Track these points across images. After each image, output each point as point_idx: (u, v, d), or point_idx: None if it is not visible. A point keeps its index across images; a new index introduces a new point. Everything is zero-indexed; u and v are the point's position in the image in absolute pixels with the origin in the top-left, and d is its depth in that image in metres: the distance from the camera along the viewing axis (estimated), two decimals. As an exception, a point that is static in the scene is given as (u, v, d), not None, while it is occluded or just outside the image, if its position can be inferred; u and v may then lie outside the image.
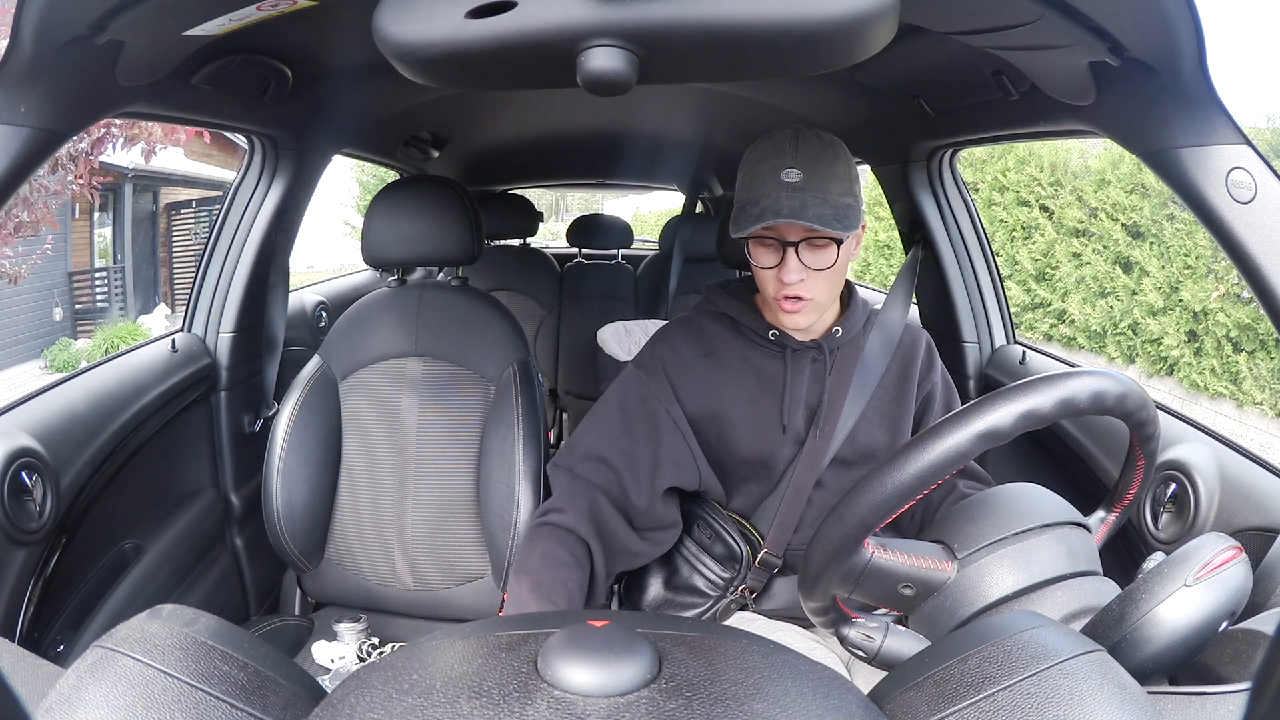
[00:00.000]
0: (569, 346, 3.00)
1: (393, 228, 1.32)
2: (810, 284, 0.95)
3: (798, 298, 0.96)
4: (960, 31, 0.82)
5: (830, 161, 0.94)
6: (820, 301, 0.98)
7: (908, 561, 0.64)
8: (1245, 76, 27.72)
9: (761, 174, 0.94)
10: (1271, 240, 0.70)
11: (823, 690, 0.41)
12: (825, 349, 1.03)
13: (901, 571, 0.64)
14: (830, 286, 0.98)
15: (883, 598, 0.66)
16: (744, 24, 0.51)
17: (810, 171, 0.92)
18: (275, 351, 1.67)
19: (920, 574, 0.64)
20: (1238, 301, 5.03)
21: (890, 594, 0.65)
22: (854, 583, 0.64)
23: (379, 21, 0.54)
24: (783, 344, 1.03)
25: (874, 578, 0.63)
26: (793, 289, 0.95)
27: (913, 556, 0.64)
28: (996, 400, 0.58)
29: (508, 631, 0.44)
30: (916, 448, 0.58)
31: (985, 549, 0.64)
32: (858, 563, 0.62)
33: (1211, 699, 0.43)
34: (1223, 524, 0.90)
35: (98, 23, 0.73)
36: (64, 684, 0.38)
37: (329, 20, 1.04)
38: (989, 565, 0.63)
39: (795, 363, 1.03)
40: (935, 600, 0.64)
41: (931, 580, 0.64)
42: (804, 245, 0.94)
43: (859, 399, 1.04)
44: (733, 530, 1.07)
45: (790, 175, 0.92)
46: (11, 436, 0.99)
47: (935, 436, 0.58)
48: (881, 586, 0.64)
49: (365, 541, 1.34)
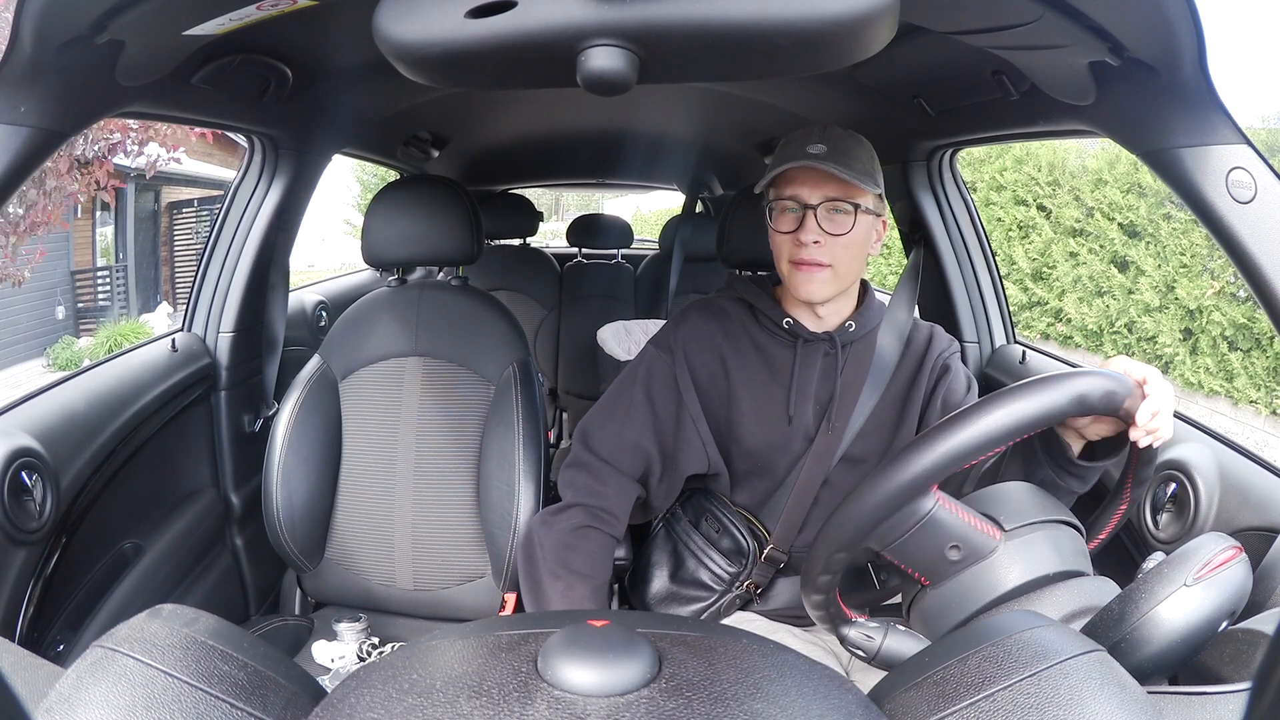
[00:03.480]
0: (569, 346, 3.00)
1: (393, 227, 1.32)
2: (828, 249, 0.97)
3: (816, 263, 0.97)
4: (960, 31, 0.82)
5: (855, 144, 0.99)
6: (839, 271, 0.99)
7: (967, 520, 0.64)
8: (1244, 77, 27.76)
9: (790, 148, 0.99)
10: (1271, 240, 0.70)
11: (823, 690, 0.41)
12: (838, 342, 1.04)
13: (958, 529, 0.64)
14: (848, 258, 0.99)
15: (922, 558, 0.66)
16: (744, 24, 0.50)
17: (834, 148, 0.96)
18: (275, 351, 1.67)
19: (974, 535, 0.64)
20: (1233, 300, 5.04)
21: (934, 554, 0.65)
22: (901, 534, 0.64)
23: (379, 21, 0.54)
24: (795, 334, 1.04)
25: (928, 531, 0.64)
26: (810, 252, 0.97)
27: (971, 516, 0.64)
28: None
29: (508, 631, 0.44)
30: (992, 405, 0.60)
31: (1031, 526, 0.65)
32: (919, 509, 0.63)
33: (1211, 699, 0.43)
34: (1223, 524, 0.90)
35: (97, 22, 0.73)
36: (64, 684, 0.37)
37: (329, 20, 1.04)
38: (1034, 541, 0.64)
39: (806, 354, 1.04)
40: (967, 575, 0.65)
41: (981, 545, 0.64)
42: (823, 209, 0.97)
43: (871, 396, 1.04)
44: (740, 525, 1.07)
45: (815, 148, 0.96)
46: (11, 436, 0.99)
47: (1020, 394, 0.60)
48: (931, 543, 0.64)
49: (365, 541, 1.34)
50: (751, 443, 1.05)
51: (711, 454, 1.05)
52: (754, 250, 1.24)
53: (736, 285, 1.10)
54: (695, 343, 1.06)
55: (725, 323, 1.08)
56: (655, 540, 1.17)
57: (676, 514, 1.15)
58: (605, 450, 1.03)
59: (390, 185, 1.37)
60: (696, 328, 1.08)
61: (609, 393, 1.08)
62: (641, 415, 1.04)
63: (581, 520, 0.99)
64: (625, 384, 1.07)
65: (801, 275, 0.98)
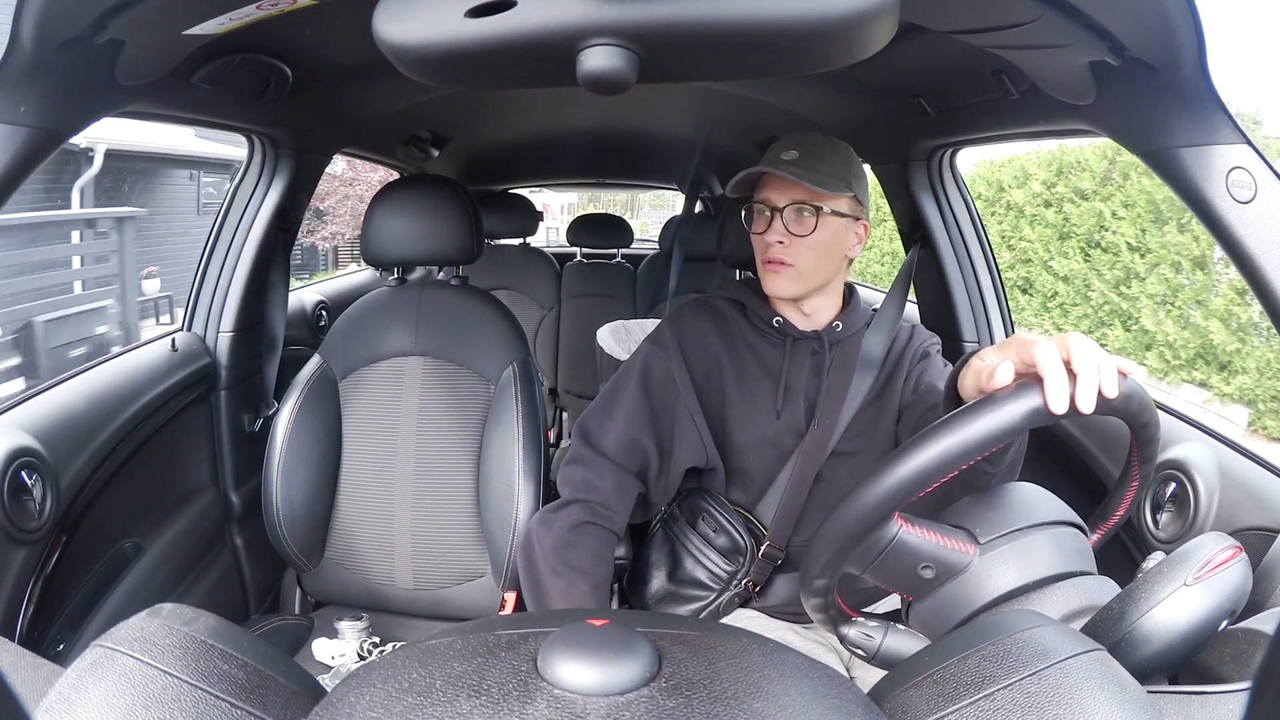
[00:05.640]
0: (569, 345, 3.00)
1: (393, 227, 1.32)
2: (793, 250, 1.02)
3: (781, 262, 1.03)
4: (960, 30, 0.82)
5: (829, 150, 1.03)
6: (802, 270, 1.03)
7: (934, 539, 0.63)
8: (1243, 77, 27.70)
9: (768, 155, 1.06)
10: (1271, 240, 0.70)
11: (823, 689, 0.41)
12: (825, 341, 1.07)
13: (926, 550, 0.63)
14: (813, 258, 1.03)
15: (898, 579, 0.64)
16: (744, 23, 0.50)
17: (805, 153, 1.02)
18: (275, 351, 1.67)
19: (944, 554, 0.63)
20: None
21: (908, 575, 0.64)
22: (872, 560, 0.63)
23: (378, 20, 0.54)
24: (784, 333, 1.07)
25: (896, 555, 0.62)
26: (775, 251, 1.03)
27: (939, 535, 0.63)
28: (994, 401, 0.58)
29: (507, 630, 0.44)
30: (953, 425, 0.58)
31: (1007, 536, 0.63)
32: (883, 536, 0.61)
33: (1211, 698, 0.43)
34: (1223, 523, 0.90)
35: (97, 22, 0.73)
36: (64, 683, 0.37)
37: (329, 20, 1.04)
38: (1010, 552, 0.63)
39: (795, 351, 1.07)
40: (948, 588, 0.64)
41: (954, 563, 0.63)
42: (789, 212, 1.02)
43: (857, 393, 1.06)
44: (737, 523, 1.08)
45: (788, 154, 1.02)
46: (11, 436, 0.99)
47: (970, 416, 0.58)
48: (902, 565, 0.63)
49: (365, 540, 1.34)
50: (744, 438, 1.07)
51: (709, 447, 1.07)
52: (753, 250, 1.24)
53: (728, 286, 1.13)
54: (690, 340, 1.09)
55: (719, 321, 1.10)
56: (653, 541, 1.18)
57: (673, 514, 1.16)
58: (603, 445, 1.04)
59: (390, 185, 1.37)
60: (691, 325, 1.10)
61: (606, 389, 1.09)
62: (639, 411, 1.05)
63: (580, 517, 1.00)
64: (622, 380, 1.08)
65: (768, 273, 1.05)
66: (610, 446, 1.04)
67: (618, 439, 1.04)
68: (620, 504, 1.03)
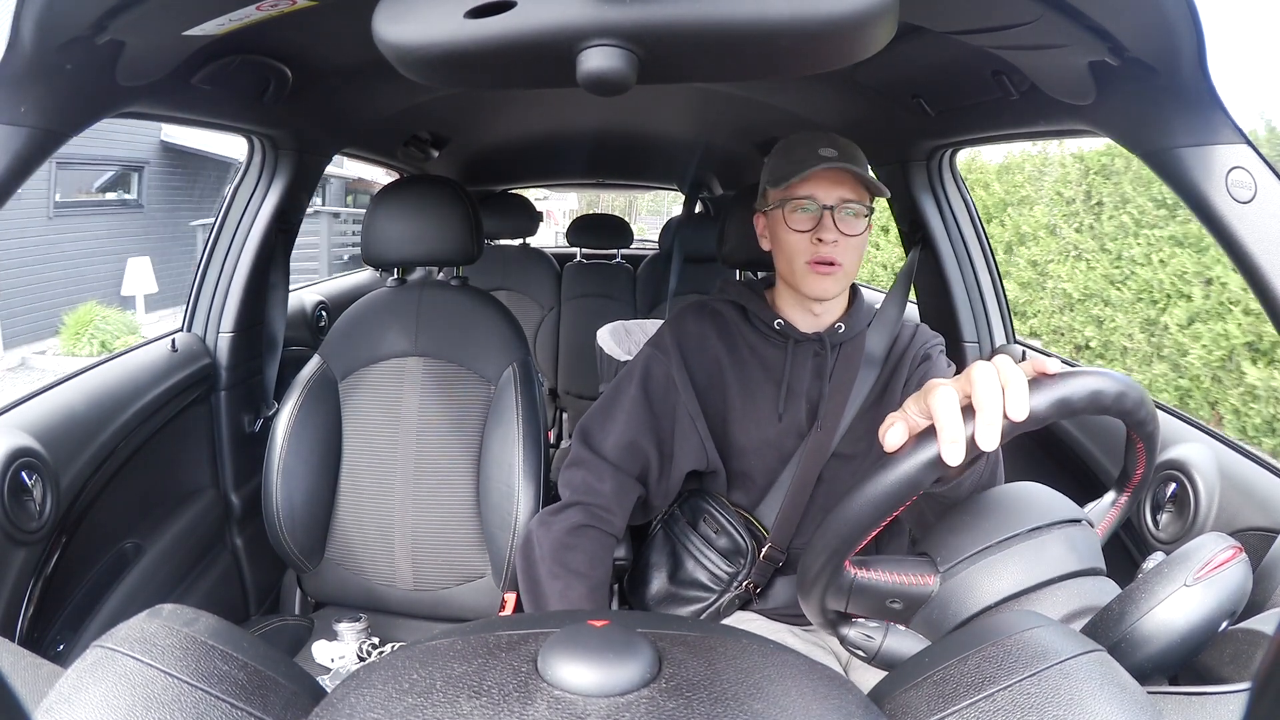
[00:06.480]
0: (569, 346, 3.00)
1: (393, 227, 1.32)
2: (842, 249, 0.99)
3: (833, 262, 0.99)
4: (960, 31, 0.82)
5: (858, 151, 1.03)
6: (849, 270, 1.01)
7: (889, 578, 0.63)
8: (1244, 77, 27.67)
9: (798, 152, 1.01)
10: (1271, 240, 0.70)
11: (823, 690, 0.41)
12: (827, 343, 1.06)
13: (885, 588, 0.63)
14: (855, 260, 1.02)
15: (876, 611, 0.66)
16: (744, 24, 0.50)
17: (843, 153, 1.00)
18: (275, 351, 1.67)
19: (903, 590, 0.63)
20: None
21: (881, 608, 0.65)
22: (845, 598, 0.64)
23: (378, 21, 0.54)
24: (786, 335, 1.06)
25: (862, 594, 0.64)
26: (827, 251, 0.99)
27: (893, 573, 0.63)
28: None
29: (508, 631, 0.44)
30: (863, 489, 0.57)
31: (966, 560, 0.63)
32: (843, 582, 0.63)
33: (1211, 699, 0.43)
34: (1223, 524, 0.90)
35: (98, 23, 0.73)
36: (64, 684, 0.37)
37: (329, 20, 1.04)
38: (971, 576, 0.62)
39: (797, 354, 1.06)
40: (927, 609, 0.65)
41: (915, 595, 0.64)
42: (839, 210, 0.99)
43: (859, 395, 1.06)
44: (738, 525, 1.08)
45: (827, 152, 0.99)
46: (11, 436, 0.99)
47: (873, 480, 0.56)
48: (871, 601, 0.65)
49: (365, 541, 1.34)
50: (745, 441, 1.06)
51: (709, 450, 1.06)
52: (753, 251, 1.24)
53: (729, 288, 1.13)
54: (691, 343, 1.08)
55: (719, 324, 1.10)
56: (653, 542, 1.17)
57: (674, 515, 1.16)
58: (604, 448, 1.04)
59: (390, 185, 1.38)
60: (692, 329, 1.09)
61: (607, 392, 1.09)
62: (639, 414, 1.05)
63: (579, 519, 1.00)
64: (623, 383, 1.08)
65: (816, 274, 1.00)
66: (610, 449, 1.03)
67: (618, 442, 1.04)
68: (620, 507, 1.02)
